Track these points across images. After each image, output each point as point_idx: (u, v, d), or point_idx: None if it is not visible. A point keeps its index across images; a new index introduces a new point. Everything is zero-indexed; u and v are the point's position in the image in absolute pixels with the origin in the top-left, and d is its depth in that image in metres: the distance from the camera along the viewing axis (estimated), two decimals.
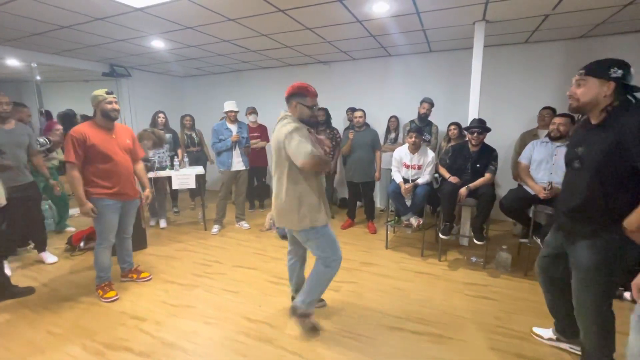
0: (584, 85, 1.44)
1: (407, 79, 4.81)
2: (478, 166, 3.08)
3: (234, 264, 3.17)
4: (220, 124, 3.93)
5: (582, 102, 1.46)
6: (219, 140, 3.87)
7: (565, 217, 1.58)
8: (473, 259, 3.14)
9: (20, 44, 3.95)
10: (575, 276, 1.55)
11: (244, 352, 1.95)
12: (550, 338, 1.95)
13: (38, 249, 3.25)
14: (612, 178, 1.38)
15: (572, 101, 1.49)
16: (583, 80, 1.44)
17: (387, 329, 2.16)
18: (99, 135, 2.39)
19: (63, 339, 2.08)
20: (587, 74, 1.43)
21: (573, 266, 1.56)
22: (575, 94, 1.47)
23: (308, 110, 1.96)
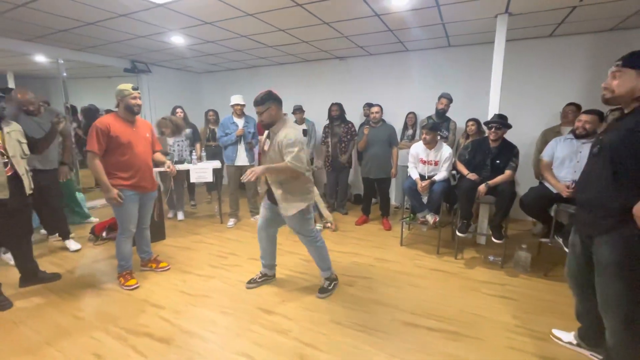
0: (620, 77, 1.39)
1: (425, 74, 4.73)
2: (498, 162, 3.01)
3: (249, 257, 3.21)
4: (227, 118, 3.98)
5: (617, 94, 1.41)
6: (225, 134, 3.91)
7: (582, 210, 1.53)
8: (491, 258, 3.08)
9: (48, 40, 4.11)
10: (598, 273, 1.49)
11: (260, 342, 1.98)
12: (570, 342, 1.89)
13: (62, 237, 3.38)
14: (626, 165, 1.33)
15: (606, 92, 1.44)
16: (619, 72, 1.39)
17: (401, 324, 2.15)
18: (122, 127, 2.46)
19: (88, 323, 2.17)
20: (624, 65, 1.38)
21: (595, 264, 1.50)
22: (611, 85, 1.42)
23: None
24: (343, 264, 3.05)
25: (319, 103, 5.14)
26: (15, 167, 2.31)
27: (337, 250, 3.37)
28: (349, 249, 3.39)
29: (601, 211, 1.43)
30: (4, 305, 2.33)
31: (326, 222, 4.03)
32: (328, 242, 3.55)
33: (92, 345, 1.95)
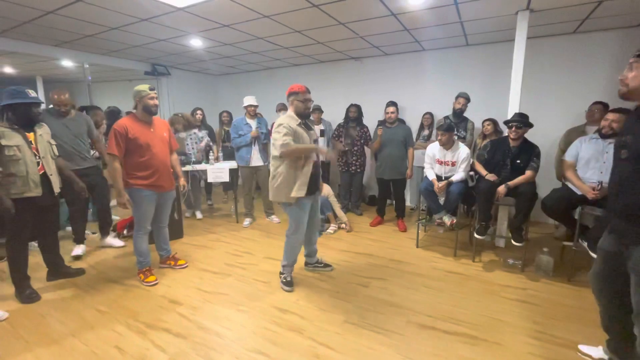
0: (637, 68, 1.32)
1: (442, 74, 4.66)
2: (518, 162, 2.92)
3: (264, 256, 3.25)
4: (240, 119, 4.01)
5: (631, 87, 1.34)
6: (239, 135, 3.94)
7: (616, 217, 1.46)
8: (510, 261, 3.00)
9: (74, 45, 4.29)
10: (634, 280, 1.41)
11: (275, 340, 1.99)
12: (602, 358, 1.78)
13: (102, 233, 3.49)
14: None
15: (622, 87, 1.38)
16: (636, 64, 1.33)
17: (417, 326, 2.12)
18: (140, 128, 2.53)
19: (110, 317, 2.25)
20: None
21: (631, 270, 1.42)
22: (626, 78, 1.35)
23: (302, 106, 2.42)
24: (358, 265, 3.03)
25: (334, 104, 5.14)
26: (45, 167, 2.41)
27: (352, 251, 3.36)
28: (363, 250, 3.37)
29: (637, 217, 1.36)
30: (33, 297, 2.44)
31: (340, 222, 4.02)
32: (342, 242, 3.58)
33: (114, 338, 2.01)
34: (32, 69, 6.20)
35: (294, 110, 2.42)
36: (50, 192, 2.46)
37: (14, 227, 2.36)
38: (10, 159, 2.24)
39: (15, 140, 2.26)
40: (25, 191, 2.30)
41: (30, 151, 2.33)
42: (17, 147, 2.26)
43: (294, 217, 2.50)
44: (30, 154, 2.32)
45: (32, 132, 2.38)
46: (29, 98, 2.30)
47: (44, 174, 2.41)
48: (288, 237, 2.59)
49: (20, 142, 2.28)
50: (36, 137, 2.39)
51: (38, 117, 2.40)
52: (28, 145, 2.32)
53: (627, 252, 1.42)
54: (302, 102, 2.40)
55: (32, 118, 2.36)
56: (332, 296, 2.49)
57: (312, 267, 2.88)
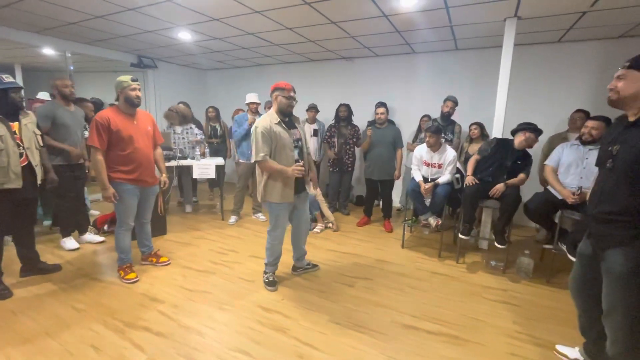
0: (625, 78, 1.37)
1: (432, 77, 4.72)
2: (519, 163, 2.97)
3: (250, 254, 3.21)
4: (241, 116, 3.97)
5: (621, 96, 1.39)
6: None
7: (596, 222, 1.50)
8: (492, 263, 3.06)
9: (56, 33, 4.13)
10: (607, 281, 1.46)
11: (258, 339, 1.97)
12: (577, 359, 1.83)
13: (80, 232, 3.37)
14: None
15: (612, 94, 1.42)
16: (626, 74, 1.37)
17: (401, 326, 2.13)
18: (122, 121, 2.44)
19: (86, 315, 2.17)
20: (630, 67, 1.36)
21: (604, 272, 1.47)
22: (616, 87, 1.40)
23: (285, 102, 2.38)
24: (344, 265, 3.03)
25: (325, 103, 5.12)
26: (30, 157, 2.35)
27: (338, 250, 3.36)
28: (350, 250, 3.38)
29: (618, 224, 1.40)
30: (4, 294, 2.33)
31: (328, 222, 4.02)
32: (329, 242, 3.58)
33: (91, 337, 1.94)
34: (11, 56, 5.94)
35: (277, 106, 2.39)
36: (33, 184, 2.39)
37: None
38: None
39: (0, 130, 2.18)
40: (5, 182, 2.21)
41: (13, 142, 2.25)
42: (0, 138, 2.18)
43: (274, 214, 2.48)
44: (13, 145, 2.24)
45: (16, 122, 2.30)
46: (3, 83, 2.19)
47: (27, 165, 2.34)
48: (269, 234, 2.57)
49: (3, 132, 2.19)
50: (21, 126, 2.31)
51: (19, 103, 2.30)
52: (11, 136, 2.24)
53: (603, 255, 1.47)
54: (286, 99, 2.36)
55: (13, 104, 2.26)
56: (318, 296, 2.48)
57: (302, 271, 2.84)
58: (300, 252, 2.79)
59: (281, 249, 2.63)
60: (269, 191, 2.40)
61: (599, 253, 1.50)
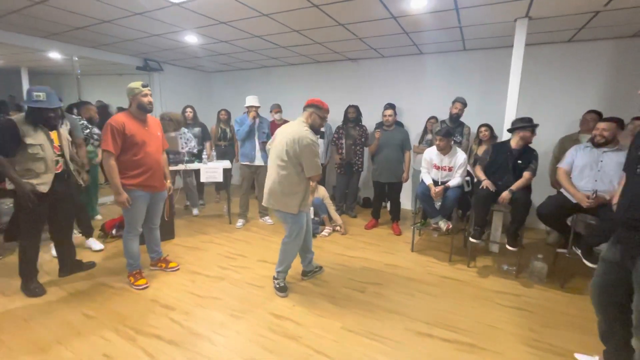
0: None
1: (439, 78, 4.67)
2: (520, 162, 2.93)
3: (258, 259, 3.19)
4: (242, 117, 3.96)
5: None
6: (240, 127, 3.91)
7: (625, 228, 1.46)
8: (504, 267, 3.01)
9: (63, 37, 4.14)
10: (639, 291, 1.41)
11: (271, 347, 1.94)
12: None
13: (85, 236, 3.37)
14: None
15: None
16: None
17: (414, 334, 2.10)
18: (135, 126, 2.44)
19: (97, 322, 2.16)
20: None
21: (637, 283, 1.42)
22: None
23: (319, 121, 2.43)
24: (353, 269, 3.00)
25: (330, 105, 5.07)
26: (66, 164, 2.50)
27: (346, 254, 3.33)
28: (358, 254, 3.35)
29: None
30: (37, 292, 2.45)
31: (335, 225, 3.99)
32: (337, 245, 3.55)
33: (102, 345, 1.93)
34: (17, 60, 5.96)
35: (310, 121, 2.39)
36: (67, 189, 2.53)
37: (27, 220, 2.39)
38: (34, 157, 2.28)
39: (39, 138, 2.29)
40: (39, 185, 2.31)
41: (51, 150, 2.37)
42: (40, 146, 2.29)
43: (297, 225, 2.46)
44: (51, 153, 2.36)
45: (55, 131, 2.43)
46: (32, 102, 2.24)
47: (62, 171, 2.47)
48: (287, 244, 2.53)
49: (42, 141, 2.31)
50: (59, 135, 2.46)
51: (51, 121, 2.36)
52: (50, 144, 2.36)
53: (632, 262, 1.42)
54: (321, 119, 2.43)
55: (46, 121, 2.33)
56: (328, 302, 2.46)
57: (311, 275, 2.82)
58: (310, 255, 2.78)
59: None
60: (292, 202, 2.38)
61: (627, 261, 1.46)
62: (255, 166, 3.99)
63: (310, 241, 2.74)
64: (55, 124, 2.40)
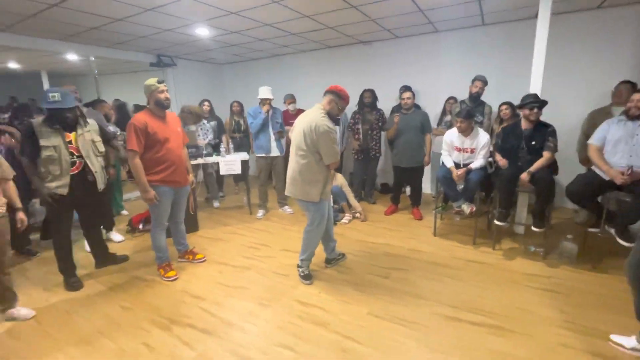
0: None
1: (457, 56, 4.49)
2: (533, 143, 2.82)
3: (281, 248, 3.24)
4: (254, 108, 3.95)
5: None
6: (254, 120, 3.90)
7: None
8: (532, 249, 2.94)
9: (79, 38, 4.21)
10: None
11: (300, 334, 1.99)
12: (635, 348, 1.73)
13: (106, 229, 3.53)
14: None
15: None
16: None
17: (442, 318, 2.10)
18: (156, 123, 2.48)
19: (134, 313, 2.27)
20: None
21: None
22: None
23: (337, 110, 2.38)
24: (376, 255, 3.01)
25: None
26: (89, 165, 2.48)
27: (368, 241, 3.33)
28: (380, 240, 3.34)
29: None
30: (76, 286, 2.58)
31: (355, 212, 3.99)
32: (358, 232, 3.56)
33: (141, 336, 2.03)
34: (37, 64, 6.13)
35: (328, 109, 2.35)
36: (88, 189, 2.53)
37: (54, 220, 2.51)
38: (49, 159, 2.32)
39: (54, 140, 2.32)
40: (57, 188, 2.36)
41: (66, 151, 2.37)
42: (54, 148, 2.32)
43: (319, 213, 2.47)
44: (66, 154, 2.37)
45: (73, 132, 2.43)
46: (48, 103, 2.29)
47: (81, 172, 2.47)
48: (309, 232, 2.55)
49: (57, 143, 2.33)
50: (76, 137, 2.44)
51: (67, 122, 2.39)
52: (65, 146, 2.37)
53: None
54: (340, 109, 2.38)
55: (63, 121, 2.36)
56: (353, 288, 2.48)
57: (335, 263, 2.85)
58: (333, 243, 2.80)
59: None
60: (313, 191, 2.38)
61: None
62: (271, 157, 4.01)
63: (331, 229, 2.76)
64: (72, 125, 2.42)
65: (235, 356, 1.83)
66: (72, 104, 2.37)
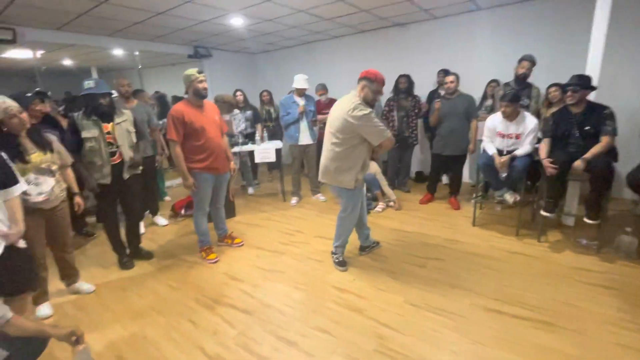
0: None
1: (500, 36, 4.20)
2: (587, 128, 2.58)
3: (315, 235, 3.28)
4: (287, 98, 3.95)
5: None
6: (287, 113, 3.91)
7: None
8: (583, 242, 2.74)
9: (124, 34, 4.44)
10: None
11: (336, 319, 2.03)
12: None
13: (152, 213, 3.78)
14: None
15: None
16: None
17: (482, 309, 2.04)
18: (194, 112, 2.56)
19: (180, 292, 2.43)
20: None
21: None
22: None
23: (372, 95, 2.26)
24: (411, 244, 2.96)
25: None
26: (124, 154, 2.55)
27: (403, 230, 3.28)
28: (415, 229, 3.28)
29: None
30: (127, 265, 2.78)
31: (389, 200, 3.93)
32: (393, 221, 3.51)
33: (188, 313, 2.17)
34: (88, 60, 6.57)
35: (362, 95, 2.25)
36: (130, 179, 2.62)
37: (101, 208, 2.70)
38: (91, 150, 2.41)
39: (93, 132, 2.40)
40: (99, 178, 2.48)
41: (104, 142, 2.45)
42: (94, 139, 2.41)
43: (353, 200, 2.46)
44: (105, 145, 2.45)
45: (111, 123, 2.48)
46: (84, 90, 2.38)
47: (121, 162, 2.54)
48: (343, 219, 2.56)
49: (96, 134, 2.41)
50: (114, 126, 2.49)
51: (102, 107, 2.42)
52: (103, 137, 2.44)
53: None
54: (374, 93, 2.26)
55: (97, 109, 2.41)
56: (388, 276, 2.47)
57: (369, 250, 2.85)
58: (367, 231, 2.79)
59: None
60: (347, 177, 2.35)
61: None
62: (304, 145, 4.03)
63: (365, 217, 2.75)
64: (108, 114, 2.47)
65: (275, 337, 1.91)
66: (104, 89, 2.43)
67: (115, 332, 2.02)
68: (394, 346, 1.78)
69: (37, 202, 2.00)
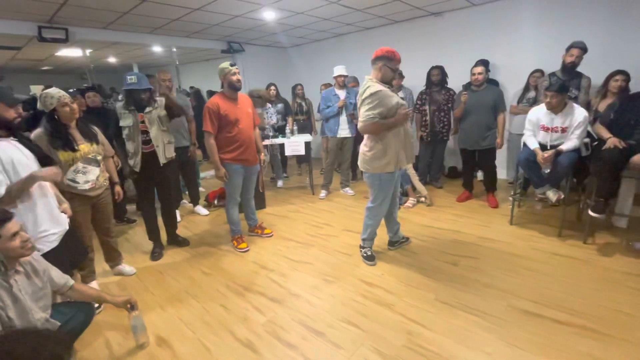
0: None
1: (545, 22, 3.90)
2: None
3: (343, 228, 3.27)
4: (329, 91, 3.95)
5: None
6: (327, 106, 3.91)
7: None
8: (637, 245, 2.51)
9: (163, 30, 4.64)
10: None
11: (364, 312, 2.01)
12: None
13: (193, 203, 3.95)
14: None
15: None
16: None
17: (520, 312, 1.93)
18: (228, 105, 2.64)
19: (213, 278, 2.52)
20: None
21: None
22: None
23: (391, 72, 2.23)
24: (443, 241, 2.87)
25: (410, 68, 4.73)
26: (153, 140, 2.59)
27: (434, 226, 3.19)
28: (448, 226, 3.17)
29: None
30: (156, 256, 2.87)
31: (420, 196, 3.82)
32: (424, 217, 3.42)
33: (219, 298, 2.26)
34: (130, 57, 6.96)
35: (381, 76, 2.23)
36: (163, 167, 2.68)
37: (138, 194, 2.83)
38: (127, 138, 2.56)
39: (128, 121, 2.53)
40: (134, 166, 2.61)
41: (138, 130, 2.55)
42: (129, 128, 2.54)
43: (383, 191, 2.42)
44: (138, 133, 2.56)
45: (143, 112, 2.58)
46: (127, 84, 2.50)
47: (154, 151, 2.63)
48: (371, 210, 2.52)
49: (131, 123, 2.53)
50: (145, 115, 2.57)
51: (143, 103, 2.53)
52: (137, 125, 2.54)
53: None
54: (392, 71, 2.22)
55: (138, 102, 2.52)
56: (418, 272, 2.41)
57: (398, 245, 2.80)
58: (396, 225, 2.74)
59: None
60: (375, 163, 2.32)
61: None
62: (341, 138, 4.02)
63: (395, 211, 2.69)
64: (145, 105, 2.57)
65: (303, 326, 1.93)
66: (146, 85, 2.53)
67: (155, 312, 2.14)
68: (423, 343, 1.74)
69: (85, 189, 2.15)
